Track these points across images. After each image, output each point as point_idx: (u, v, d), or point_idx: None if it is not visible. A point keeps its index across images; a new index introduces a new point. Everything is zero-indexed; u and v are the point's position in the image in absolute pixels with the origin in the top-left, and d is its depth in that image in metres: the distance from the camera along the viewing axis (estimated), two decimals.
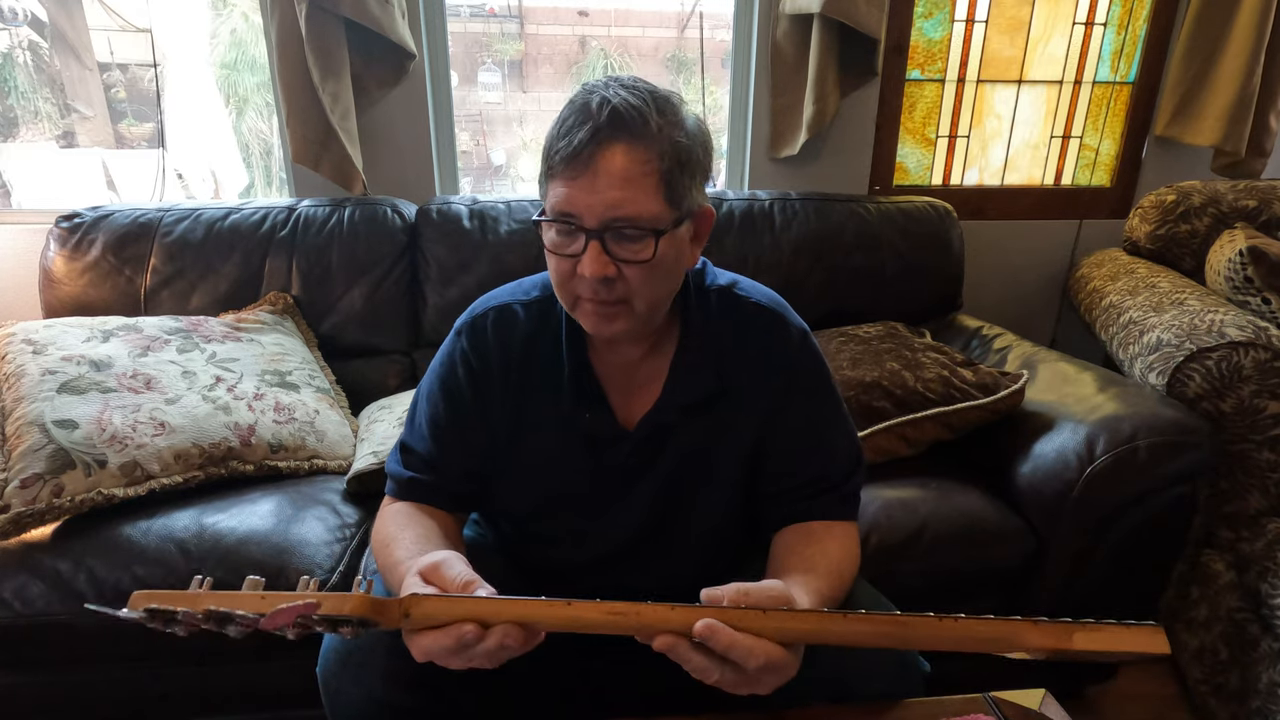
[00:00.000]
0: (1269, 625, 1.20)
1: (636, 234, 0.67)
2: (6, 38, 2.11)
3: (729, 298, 0.82)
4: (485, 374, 0.81)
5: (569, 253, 0.69)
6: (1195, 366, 1.25)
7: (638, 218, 0.66)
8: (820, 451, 0.83)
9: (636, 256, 0.68)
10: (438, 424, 0.82)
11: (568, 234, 0.68)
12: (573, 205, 0.66)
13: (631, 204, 0.65)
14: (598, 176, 0.65)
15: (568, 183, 0.66)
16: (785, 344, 0.82)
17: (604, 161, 0.65)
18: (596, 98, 0.66)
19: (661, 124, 0.66)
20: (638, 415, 0.80)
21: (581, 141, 0.65)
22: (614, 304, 0.70)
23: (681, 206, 0.69)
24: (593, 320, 0.72)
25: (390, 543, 0.74)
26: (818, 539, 0.79)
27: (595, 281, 0.68)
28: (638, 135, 0.65)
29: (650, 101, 0.66)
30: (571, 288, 0.71)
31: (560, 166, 0.66)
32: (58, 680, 1.13)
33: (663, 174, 0.66)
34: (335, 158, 1.62)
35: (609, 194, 0.65)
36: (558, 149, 0.66)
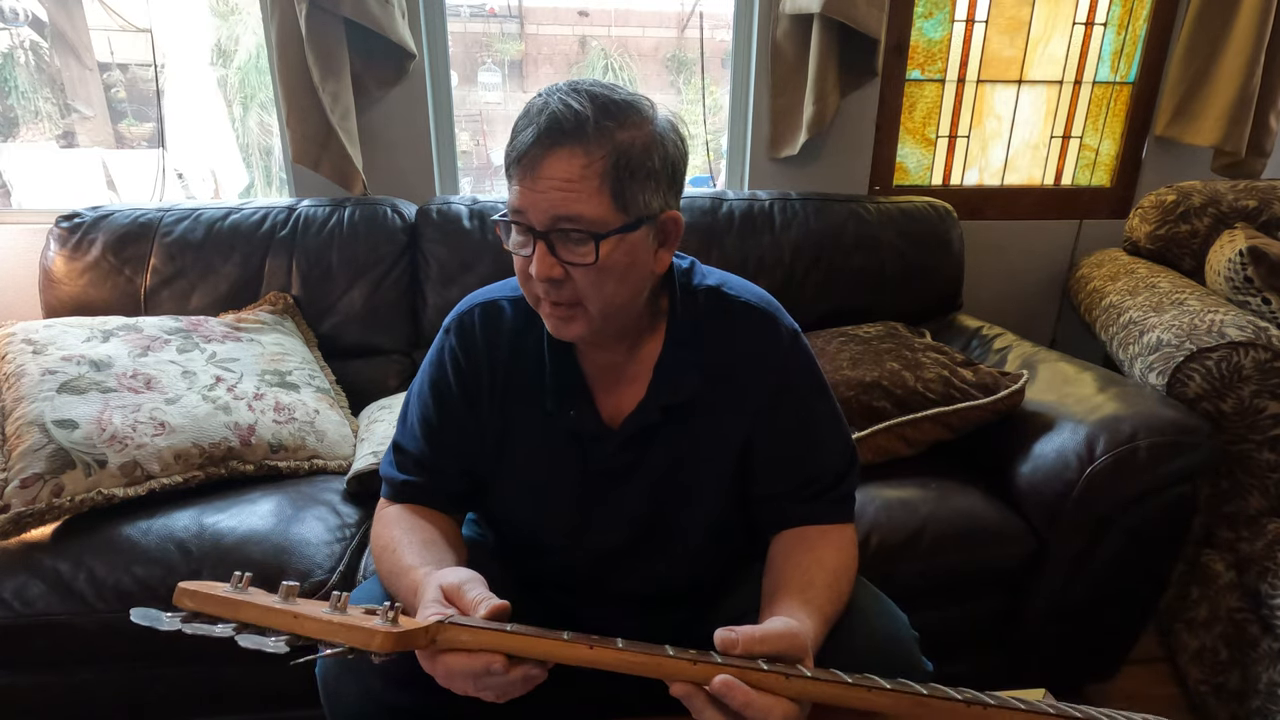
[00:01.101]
0: (1269, 625, 1.20)
1: (580, 236, 0.67)
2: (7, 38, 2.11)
3: (717, 297, 0.82)
4: (473, 371, 0.81)
5: (523, 253, 0.70)
6: (1195, 366, 1.25)
7: (579, 219, 0.67)
8: (813, 453, 0.82)
9: (580, 259, 0.68)
10: (429, 423, 0.82)
11: (521, 233, 0.70)
12: (521, 204, 0.68)
13: (572, 205, 0.66)
14: (540, 179, 0.66)
15: (519, 183, 0.68)
16: (776, 344, 0.81)
17: (547, 164, 0.66)
18: (540, 102, 0.68)
19: (608, 128, 0.66)
20: (622, 414, 0.80)
21: (525, 144, 0.67)
22: (568, 306, 0.71)
23: (632, 211, 0.68)
24: (551, 322, 0.74)
25: (396, 548, 0.74)
26: (813, 546, 0.79)
27: (544, 283, 0.69)
28: (576, 140, 0.66)
29: (592, 106, 0.66)
30: (530, 288, 0.73)
31: (513, 168, 0.69)
32: (58, 680, 1.13)
33: (605, 177, 0.66)
34: (335, 158, 1.62)
35: (551, 195, 0.66)
36: (510, 150, 0.69)
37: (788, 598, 0.71)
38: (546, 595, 0.91)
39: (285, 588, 0.57)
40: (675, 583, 0.89)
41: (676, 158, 0.72)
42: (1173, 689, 1.40)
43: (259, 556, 1.08)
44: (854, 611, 0.77)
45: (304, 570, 1.09)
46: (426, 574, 0.66)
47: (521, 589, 0.90)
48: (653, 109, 0.71)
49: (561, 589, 0.91)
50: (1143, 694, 1.40)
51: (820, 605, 0.70)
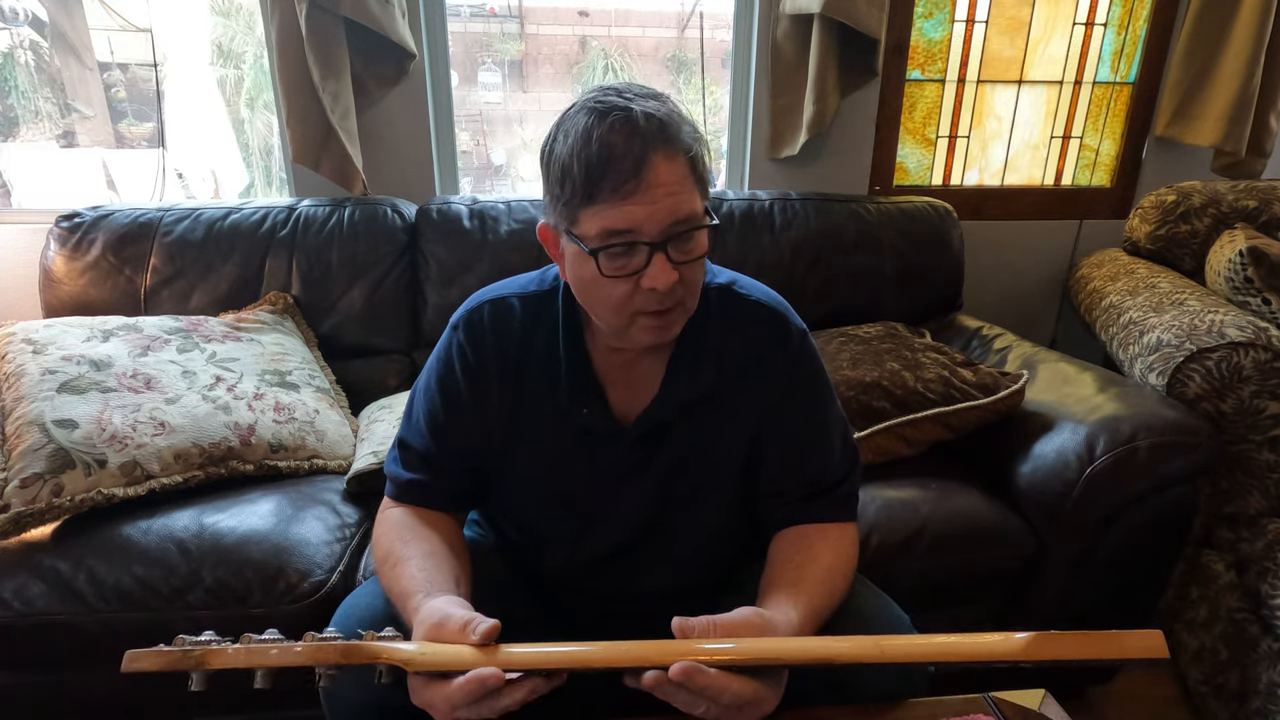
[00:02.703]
0: (1269, 625, 1.20)
1: (691, 233, 0.68)
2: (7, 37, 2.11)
3: (729, 295, 0.82)
4: (482, 369, 0.80)
5: (628, 272, 0.68)
6: (1195, 367, 1.25)
7: (692, 216, 0.67)
8: (816, 452, 0.83)
9: (692, 255, 0.69)
10: (435, 420, 0.82)
11: (625, 254, 0.67)
12: (631, 222, 0.65)
13: (685, 206, 0.67)
14: (652, 187, 0.65)
15: (620, 203, 0.65)
16: (785, 343, 0.82)
17: (654, 172, 0.65)
18: (638, 113, 0.65)
19: (684, 125, 0.68)
20: (636, 411, 0.80)
21: (635, 160, 0.64)
22: (672, 310, 0.71)
23: (708, 196, 0.71)
24: (653, 333, 0.72)
25: (397, 562, 0.74)
26: (810, 545, 0.79)
27: (664, 293, 0.68)
28: (674, 141, 0.66)
29: (668, 104, 0.68)
30: (630, 306, 0.70)
31: (603, 187, 0.64)
32: (58, 680, 1.13)
33: (693, 169, 0.68)
34: (335, 158, 1.62)
35: (665, 201, 0.65)
36: (602, 173, 0.64)
37: (777, 592, 0.72)
38: (547, 594, 0.91)
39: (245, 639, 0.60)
40: (677, 581, 0.89)
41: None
42: (1173, 689, 1.40)
43: (259, 556, 1.08)
44: (855, 611, 0.77)
45: (304, 570, 1.08)
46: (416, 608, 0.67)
47: (522, 588, 0.90)
48: None
49: (563, 588, 0.91)
50: (1143, 694, 1.40)
51: (810, 598, 0.71)
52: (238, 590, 1.06)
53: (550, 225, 0.72)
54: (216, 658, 0.58)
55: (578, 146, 0.65)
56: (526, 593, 0.90)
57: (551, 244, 0.74)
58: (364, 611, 0.76)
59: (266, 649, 0.58)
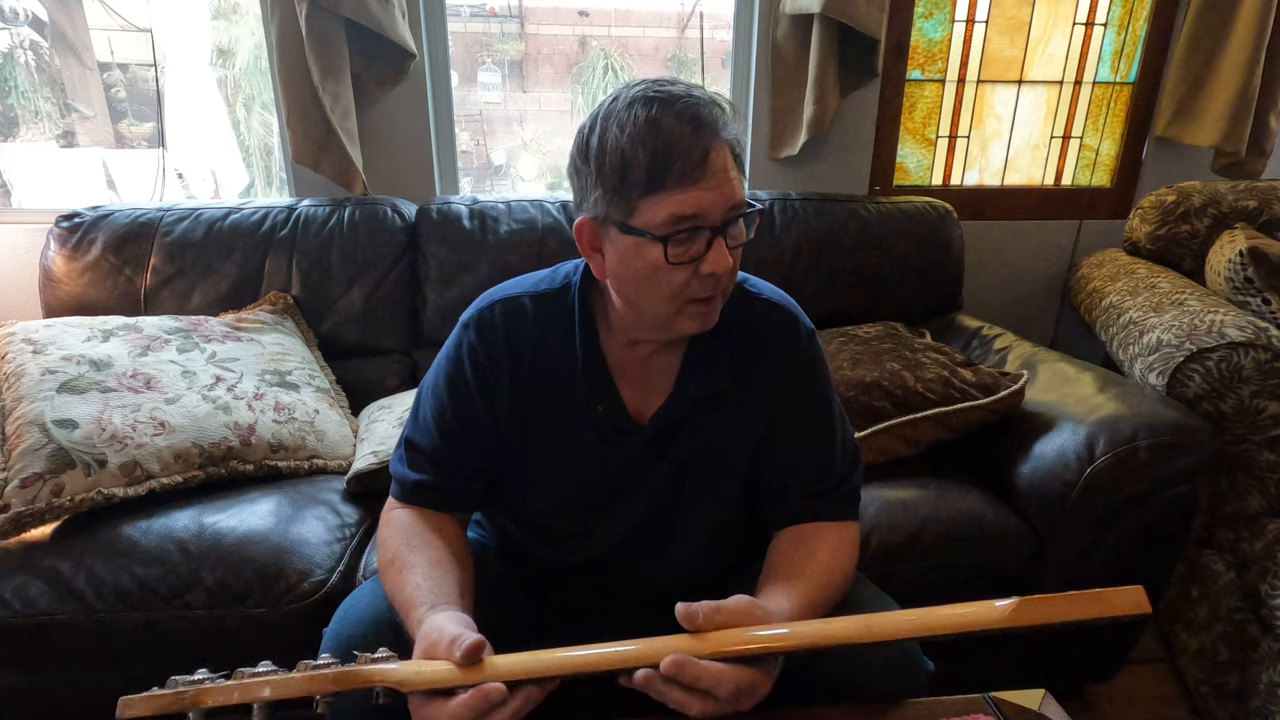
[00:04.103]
0: (1269, 625, 1.20)
1: (741, 218, 0.71)
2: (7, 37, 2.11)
3: (741, 294, 0.83)
4: (494, 368, 0.80)
5: (691, 258, 0.69)
6: (1195, 367, 1.25)
7: (744, 201, 0.71)
8: (820, 451, 0.83)
9: (742, 239, 0.72)
10: (444, 419, 0.81)
11: (687, 240, 0.68)
12: (699, 207, 0.67)
13: (738, 190, 0.70)
14: (715, 174, 0.67)
15: (687, 190, 0.66)
16: (795, 342, 0.83)
17: (714, 160, 0.67)
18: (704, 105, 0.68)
19: (730, 113, 0.71)
20: (650, 409, 0.81)
21: (702, 148, 0.66)
22: (716, 297, 0.73)
23: None
24: (699, 320, 0.74)
25: (402, 568, 0.73)
26: (808, 543, 0.79)
27: (724, 275, 0.70)
28: (724, 131, 0.69)
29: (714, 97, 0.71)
30: (686, 294, 0.71)
31: (675, 176, 0.66)
32: (58, 680, 1.13)
33: (739, 158, 0.71)
34: (335, 158, 1.62)
35: (726, 188, 0.68)
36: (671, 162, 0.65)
37: (772, 585, 0.72)
38: (549, 592, 0.91)
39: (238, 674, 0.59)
40: (681, 579, 0.89)
41: None
42: (1173, 689, 1.40)
43: (259, 556, 1.08)
44: (855, 610, 0.77)
45: (304, 570, 1.09)
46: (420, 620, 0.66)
47: (523, 586, 0.90)
48: None
49: (565, 585, 0.91)
50: (1143, 694, 1.40)
51: (804, 591, 0.71)
52: (238, 590, 1.06)
53: (595, 219, 0.71)
54: (211, 696, 0.57)
55: (640, 135, 0.66)
56: (527, 591, 0.90)
57: (590, 239, 0.73)
58: (364, 613, 0.76)
59: (261, 684, 0.57)
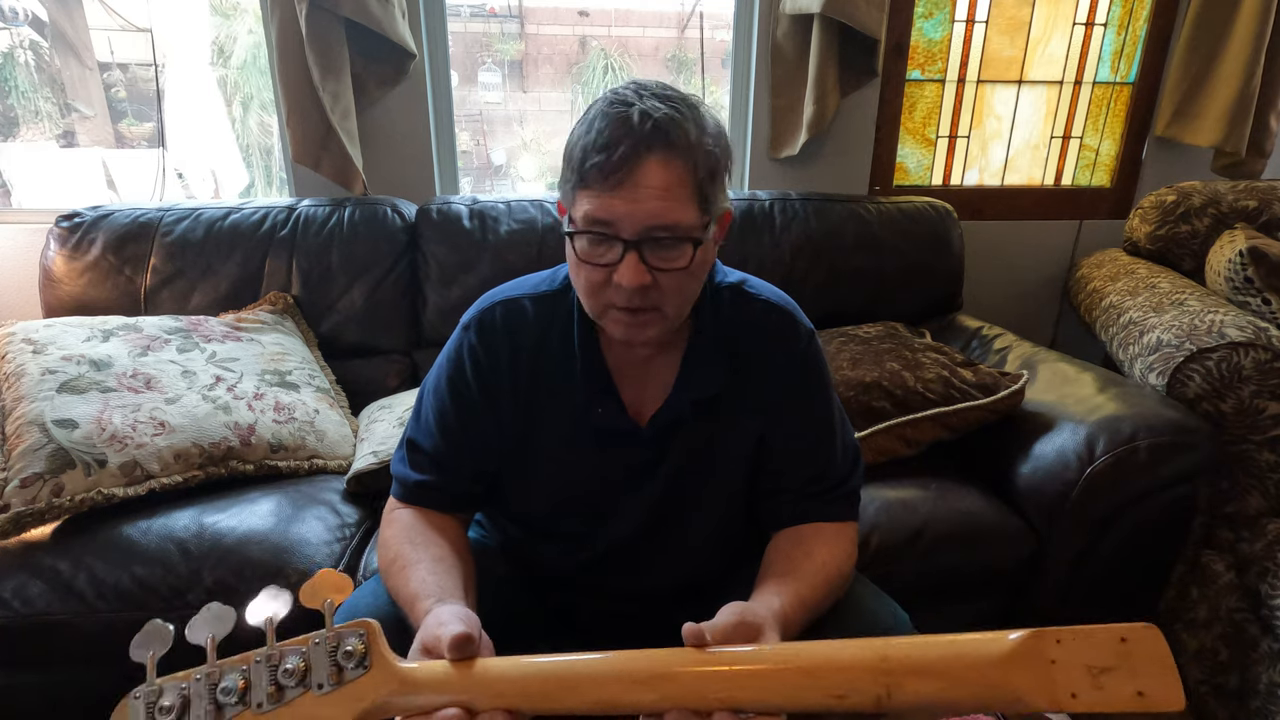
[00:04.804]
0: (1269, 626, 1.20)
1: (674, 242, 0.67)
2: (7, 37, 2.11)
3: (740, 295, 0.83)
4: (494, 369, 0.80)
5: (603, 262, 0.68)
6: (1195, 367, 1.25)
7: (676, 226, 0.66)
8: (820, 452, 0.83)
9: (673, 265, 0.68)
10: (445, 420, 0.81)
11: (602, 243, 0.68)
12: (611, 214, 0.66)
13: (672, 213, 0.66)
14: (638, 188, 0.65)
15: (605, 194, 0.66)
16: (794, 343, 0.82)
17: (644, 174, 0.65)
18: (637, 111, 0.65)
19: (697, 134, 0.67)
20: (649, 410, 0.81)
21: (623, 155, 0.64)
22: (646, 311, 0.70)
23: (711, 212, 0.70)
24: (623, 328, 0.72)
25: (405, 565, 0.73)
26: (805, 542, 0.79)
27: (631, 291, 0.68)
28: (677, 147, 0.65)
29: (686, 111, 0.67)
30: (604, 297, 0.71)
31: (597, 178, 0.66)
32: (58, 680, 1.13)
33: (698, 184, 0.67)
34: (335, 158, 1.62)
35: (649, 204, 0.65)
36: (594, 161, 0.65)
37: (766, 584, 0.72)
38: (549, 593, 0.91)
39: None
40: (680, 580, 0.89)
41: (730, 153, 0.73)
42: None
43: (259, 556, 1.08)
44: (855, 610, 0.77)
45: (304, 570, 1.08)
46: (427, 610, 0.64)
47: (524, 587, 0.90)
48: (702, 104, 0.71)
49: (566, 586, 0.91)
50: None
51: (797, 589, 0.71)
52: (238, 590, 1.06)
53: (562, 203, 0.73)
54: None
55: (582, 131, 0.68)
56: (528, 592, 0.90)
57: None
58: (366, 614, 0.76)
59: None
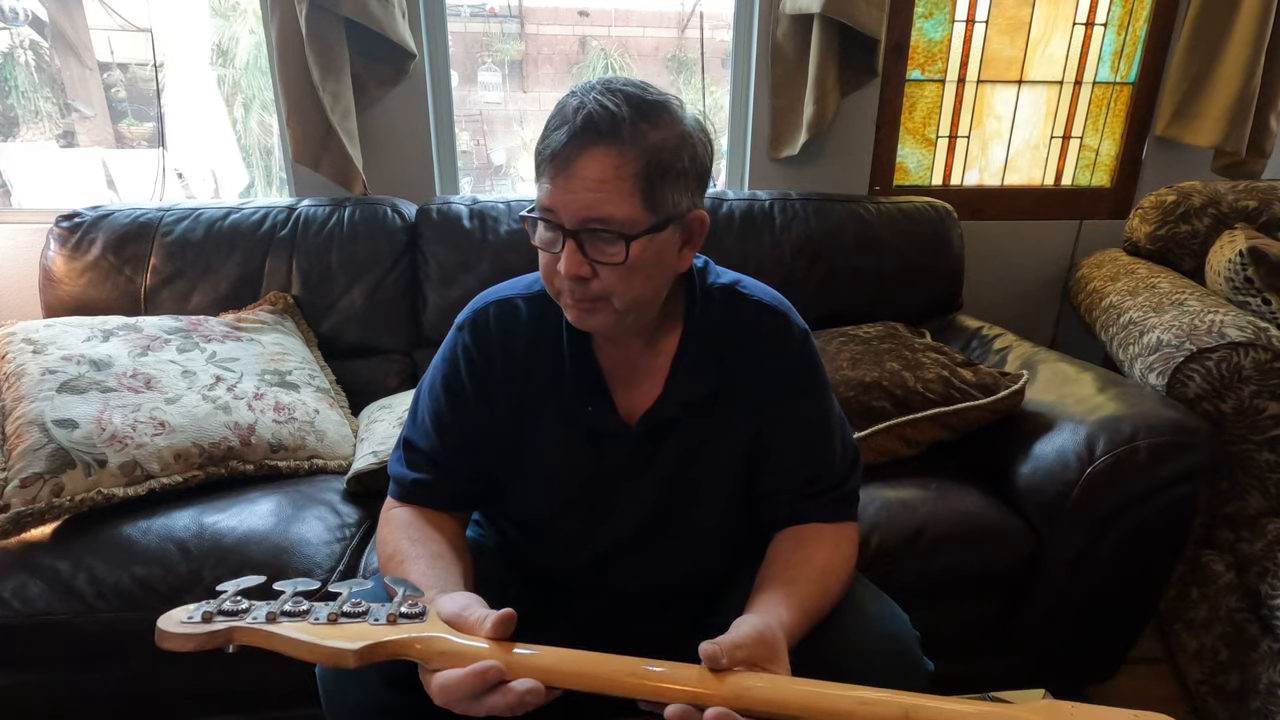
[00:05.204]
0: (1269, 626, 1.20)
1: (610, 236, 0.68)
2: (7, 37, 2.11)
3: (732, 296, 0.83)
4: (489, 369, 0.81)
5: (553, 250, 0.71)
6: (1195, 367, 1.25)
7: (610, 220, 0.67)
8: (817, 452, 0.83)
9: (609, 259, 0.69)
10: (441, 420, 0.82)
11: (549, 230, 0.71)
12: (553, 203, 0.69)
13: (604, 206, 0.67)
14: (573, 178, 0.67)
15: (550, 181, 0.68)
16: (788, 344, 0.82)
17: (579, 165, 0.67)
18: (575, 101, 0.68)
19: (642, 129, 0.67)
20: (640, 410, 0.81)
21: (558, 143, 0.67)
22: (592, 300, 0.72)
23: (661, 211, 0.69)
24: (573, 313, 0.74)
25: (404, 560, 0.74)
26: (805, 545, 0.79)
27: (571, 280, 0.70)
28: (611, 141, 0.66)
29: (628, 107, 0.67)
30: (554, 284, 0.74)
31: (545, 166, 0.69)
32: (58, 680, 1.13)
33: (638, 179, 0.67)
34: (335, 157, 1.62)
35: (583, 195, 0.67)
36: (541, 148, 0.69)
37: (768, 592, 0.72)
38: (548, 594, 0.91)
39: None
40: (678, 581, 0.89)
41: (704, 157, 0.73)
42: (1173, 689, 1.40)
43: (259, 556, 1.08)
44: (855, 610, 0.77)
45: (304, 570, 1.08)
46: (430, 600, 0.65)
47: (523, 588, 0.90)
48: (682, 108, 0.71)
49: (564, 587, 0.91)
50: (1143, 694, 1.40)
51: (800, 599, 0.71)
52: None
53: None
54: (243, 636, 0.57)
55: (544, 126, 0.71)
56: (527, 592, 0.90)
57: None
58: None
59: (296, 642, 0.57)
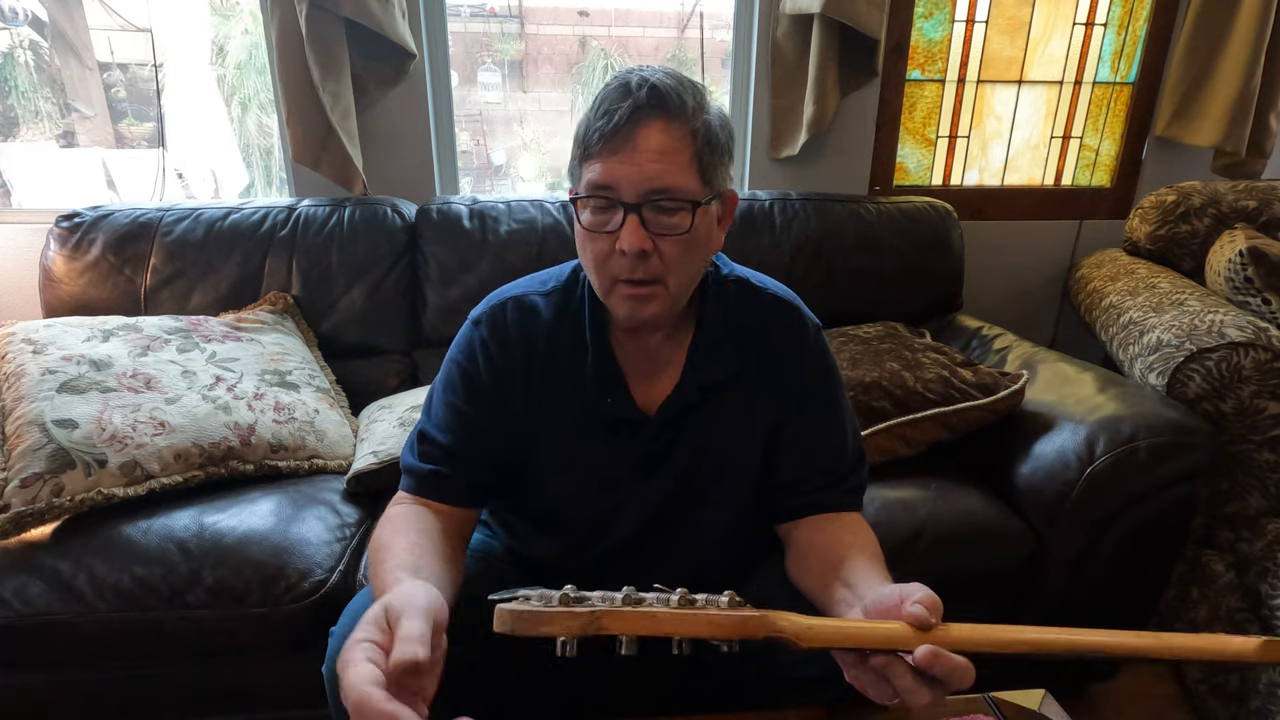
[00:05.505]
0: (1269, 626, 1.20)
1: (674, 206, 0.69)
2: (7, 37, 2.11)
3: (746, 288, 0.84)
4: (507, 363, 0.80)
5: (607, 229, 0.70)
6: (1195, 367, 1.25)
7: (674, 189, 0.68)
8: (832, 443, 0.84)
9: (673, 230, 0.70)
10: (457, 412, 0.81)
11: (605, 209, 0.70)
12: (612, 178, 0.68)
13: (669, 176, 0.68)
14: (637, 150, 0.67)
15: (606, 158, 0.68)
16: (802, 336, 0.84)
17: (643, 136, 0.67)
18: (636, 78, 0.69)
19: (694, 105, 0.70)
20: (657, 400, 0.81)
21: (622, 117, 0.67)
22: (649, 284, 0.72)
23: (713, 185, 0.72)
24: (628, 304, 0.73)
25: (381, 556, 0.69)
26: (853, 528, 0.80)
27: (633, 257, 0.69)
28: (675, 113, 0.68)
29: (684, 83, 0.70)
30: (608, 269, 0.72)
31: (599, 144, 0.68)
32: (58, 680, 1.13)
33: (696, 151, 0.69)
34: (335, 158, 1.62)
35: (649, 167, 0.67)
36: (596, 127, 0.69)
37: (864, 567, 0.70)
38: None
39: None
40: (692, 575, 0.89)
41: (732, 138, 0.76)
42: (1173, 689, 1.40)
43: (259, 556, 1.08)
44: None
45: (304, 570, 1.09)
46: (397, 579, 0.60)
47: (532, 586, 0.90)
48: (707, 91, 0.74)
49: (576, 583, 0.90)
50: (1143, 694, 1.40)
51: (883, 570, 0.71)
52: (238, 590, 1.06)
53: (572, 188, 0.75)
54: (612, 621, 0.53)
55: (588, 110, 0.71)
56: None
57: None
58: None
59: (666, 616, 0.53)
